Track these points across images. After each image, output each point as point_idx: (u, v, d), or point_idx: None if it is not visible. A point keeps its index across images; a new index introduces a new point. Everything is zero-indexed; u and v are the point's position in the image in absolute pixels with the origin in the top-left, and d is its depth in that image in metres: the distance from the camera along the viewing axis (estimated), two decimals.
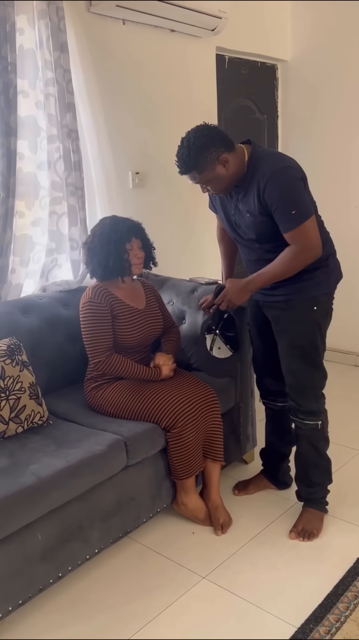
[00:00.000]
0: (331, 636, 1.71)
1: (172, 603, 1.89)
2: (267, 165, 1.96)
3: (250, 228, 2.05)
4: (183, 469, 2.17)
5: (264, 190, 1.93)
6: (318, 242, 1.97)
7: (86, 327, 2.26)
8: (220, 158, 1.95)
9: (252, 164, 1.98)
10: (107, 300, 2.27)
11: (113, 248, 2.23)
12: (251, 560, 2.08)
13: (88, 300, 2.27)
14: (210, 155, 1.93)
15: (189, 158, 1.94)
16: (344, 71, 3.67)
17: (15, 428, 2.07)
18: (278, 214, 1.94)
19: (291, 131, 4.01)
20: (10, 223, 2.39)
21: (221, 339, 2.28)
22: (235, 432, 2.57)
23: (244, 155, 2.00)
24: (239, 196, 2.04)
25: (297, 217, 1.92)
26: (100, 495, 1.99)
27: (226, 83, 3.54)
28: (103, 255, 2.24)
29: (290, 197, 1.93)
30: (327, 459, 2.27)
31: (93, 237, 2.29)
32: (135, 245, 2.28)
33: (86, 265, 2.35)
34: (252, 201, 1.98)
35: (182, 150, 1.95)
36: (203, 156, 1.93)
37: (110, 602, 1.91)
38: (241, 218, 2.07)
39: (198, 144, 1.92)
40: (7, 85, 2.28)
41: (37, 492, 1.76)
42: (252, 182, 1.97)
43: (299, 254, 1.97)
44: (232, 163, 1.97)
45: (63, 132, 2.51)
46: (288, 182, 1.94)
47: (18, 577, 1.76)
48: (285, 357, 2.17)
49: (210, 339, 2.26)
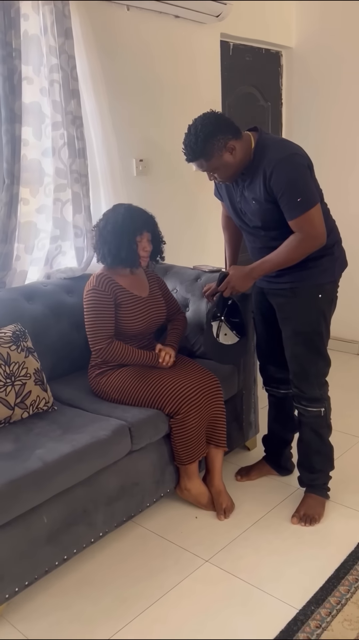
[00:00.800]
0: (332, 618, 1.74)
1: (175, 585, 1.92)
2: (274, 153, 1.95)
3: (256, 215, 2.06)
4: (187, 454, 2.19)
5: (270, 178, 1.93)
6: (323, 231, 1.98)
7: (89, 314, 2.27)
8: (227, 145, 1.95)
9: (259, 151, 1.98)
10: (111, 289, 2.28)
11: (126, 239, 2.24)
12: (253, 544, 2.11)
13: (92, 288, 2.28)
14: (217, 142, 1.93)
15: (196, 145, 1.93)
16: (349, 58, 3.64)
17: (21, 413, 2.10)
18: (283, 202, 1.94)
19: (295, 119, 3.99)
20: (15, 210, 2.40)
21: (227, 325, 2.29)
22: (238, 419, 2.59)
23: (251, 143, 2.00)
24: (245, 183, 2.04)
25: (302, 204, 1.92)
26: (104, 480, 2.01)
27: (230, 70, 3.52)
28: (115, 244, 2.25)
29: (296, 185, 1.93)
30: (329, 446, 2.29)
31: (106, 224, 2.29)
32: (144, 239, 2.29)
33: (95, 249, 2.35)
34: (258, 188, 1.99)
35: (189, 138, 1.95)
36: (210, 143, 1.93)
37: (114, 584, 1.94)
38: (247, 205, 2.07)
39: (206, 131, 1.91)
40: (12, 72, 2.27)
41: (43, 476, 1.78)
42: (258, 169, 1.97)
43: (303, 241, 1.97)
44: (239, 150, 1.97)
45: (68, 119, 2.50)
46: (294, 169, 1.94)
47: (24, 559, 1.79)
48: (289, 344, 2.18)
49: (216, 326, 2.27)
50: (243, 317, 2.32)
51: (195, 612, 1.81)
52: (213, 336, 2.26)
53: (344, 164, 3.80)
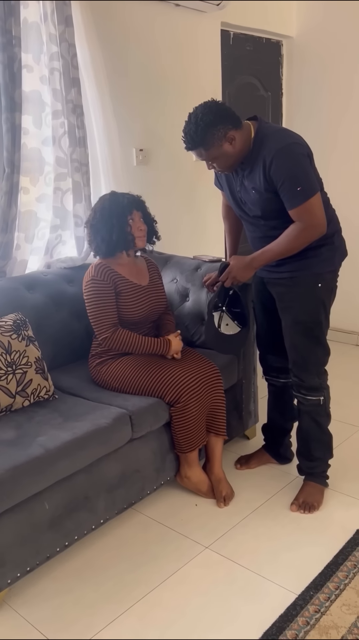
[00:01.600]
0: (331, 603, 1.76)
1: (176, 571, 1.94)
2: (273, 142, 1.95)
3: (256, 205, 2.06)
4: (187, 442, 2.21)
5: (270, 167, 1.93)
6: (323, 220, 1.98)
7: (91, 304, 2.28)
8: (227, 135, 1.95)
9: (258, 141, 1.98)
10: (110, 278, 2.28)
11: (115, 222, 2.24)
12: (253, 531, 2.13)
13: (91, 279, 2.29)
14: (217, 132, 1.93)
15: (196, 134, 1.93)
16: (350, 48, 3.63)
17: (22, 402, 2.11)
18: (283, 191, 1.95)
19: (296, 109, 3.98)
20: (15, 199, 2.40)
21: (229, 315, 2.30)
22: (238, 408, 2.60)
23: (250, 132, 2.00)
24: (245, 173, 2.04)
25: (302, 194, 1.92)
26: (105, 467, 2.03)
27: (230, 59, 3.51)
28: (106, 230, 2.25)
29: (296, 174, 1.93)
30: (328, 434, 2.31)
31: (94, 214, 2.30)
32: (136, 218, 2.29)
33: (89, 243, 2.36)
34: (258, 178, 1.99)
35: (190, 126, 1.94)
36: (210, 133, 1.92)
37: (115, 570, 1.96)
38: (246, 195, 2.07)
39: (206, 120, 1.91)
40: (12, 60, 2.26)
41: (45, 463, 1.80)
42: (258, 158, 1.97)
43: (304, 231, 1.98)
44: (239, 140, 1.97)
45: (68, 108, 2.50)
46: (294, 158, 1.94)
47: (26, 545, 1.80)
48: (289, 333, 2.19)
49: (217, 316, 2.28)
50: (244, 307, 2.32)
51: (195, 597, 1.83)
52: (214, 326, 2.27)
53: (344, 153, 3.79)
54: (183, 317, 2.65)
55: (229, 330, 2.30)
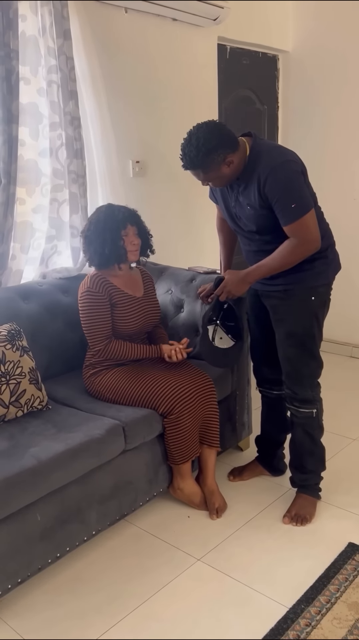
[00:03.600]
0: (322, 616, 1.76)
1: (167, 584, 1.94)
2: (268, 159, 1.98)
3: (251, 220, 2.08)
4: (180, 454, 2.21)
5: (265, 184, 1.96)
6: (317, 236, 2.00)
7: (85, 315, 2.29)
8: (226, 160, 1.97)
9: (253, 157, 2.01)
10: (105, 289, 2.30)
11: (108, 235, 2.26)
12: (245, 543, 2.13)
13: (86, 290, 2.30)
14: (217, 157, 1.95)
15: (197, 158, 1.95)
16: (345, 63, 3.67)
17: (15, 412, 2.11)
18: (278, 208, 1.97)
19: (292, 122, 4.02)
20: (12, 210, 2.41)
21: (223, 328, 2.32)
22: (231, 420, 2.61)
23: (246, 149, 2.02)
24: (240, 189, 2.06)
25: (297, 210, 1.95)
26: (98, 479, 2.03)
27: (227, 73, 3.55)
28: (100, 242, 2.27)
29: (290, 191, 1.95)
30: (321, 447, 2.32)
31: (89, 226, 2.32)
32: (130, 232, 2.30)
33: (83, 252, 2.38)
34: (253, 194, 2.01)
35: (190, 148, 1.95)
36: (210, 158, 1.95)
37: (107, 582, 1.95)
38: (241, 210, 2.10)
39: (208, 146, 1.92)
40: (9, 72, 2.28)
41: (37, 474, 1.80)
42: (253, 175, 2.00)
43: (298, 247, 2.00)
44: (236, 162, 2.00)
45: (66, 120, 2.52)
46: (288, 176, 1.96)
47: (17, 556, 1.80)
48: (282, 345, 2.21)
49: (211, 330, 2.29)
50: (239, 321, 2.34)
51: (187, 610, 1.83)
52: (209, 340, 2.28)
53: (339, 167, 3.83)
54: (177, 328, 2.66)
55: (223, 344, 2.32)
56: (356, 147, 3.74)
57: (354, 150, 3.75)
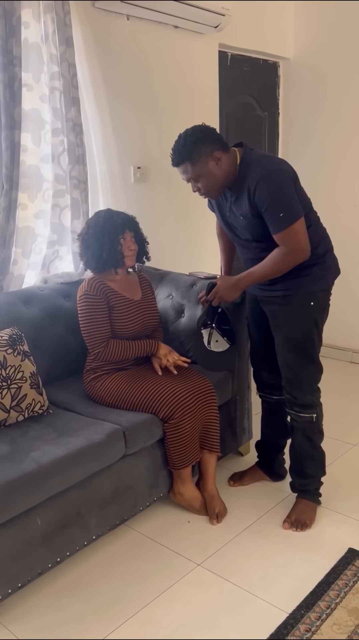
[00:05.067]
0: (322, 622, 1.76)
1: (168, 589, 1.94)
2: (257, 169, 2.00)
3: (245, 229, 2.10)
4: (180, 459, 2.22)
5: (254, 193, 1.98)
6: (306, 245, 2.01)
7: (83, 319, 2.30)
8: (213, 154, 1.99)
9: (243, 167, 2.03)
10: (103, 292, 2.31)
11: (106, 240, 2.28)
12: (245, 549, 2.13)
13: (84, 293, 2.31)
14: (204, 148, 1.98)
15: (184, 148, 1.99)
16: (345, 69, 3.70)
17: (16, 416, 2.11)
18: (267, 216, 1.99)
19: (292, 128, 4.04)
20: (14, 215, 2.43)
21: (218, 332, 2.33)
22: (232, 425, 2.61)
23: (236, 159, 2.04)
24: (232, 199, 2.09)
25: (285, 219, 1.96)
26: (98, 483, 2.03)
27: (228, 80, 3.57)
28: (97, 246, 2.29)
29: (279, 200, 1.97)
30: (321, 452, 2.32)
31: (87, 229, 2.34)
32: (128, 238, 2.32)
33: (80, 256, 2.40)
34: (244, 204, 2.03)
35: (178, 142, 2.02)
36: (197, 148, 1.98)
37: (107, 587, 1.95)
38: (235, 220, 2.12)
39: (195, 136, 1.98)
40: (12, 79, 2.31)
41: (38, 479, 1.80)
42: (244, 185, 2.01)
43: (287, 255, 2.02)
44: (224, 163, 2.02)
45: (68, 126, 2.54)
46: (277, 184, 1.98)
47: (18, 561, 1.80)
48: (282, 351, 2.21)
49: (206, 333, 2.30)
50: (232, 324, 2.35)
51: (187, 615, 1.83)
52: (203, 343, 2.29)
53: (339, 173, 3.84)
54: (178, 333, 2.67)
55: (218, 347, 2.33)
56: (356, 153, 3.75)
57: (354, 156, 3.77)
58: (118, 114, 2.88)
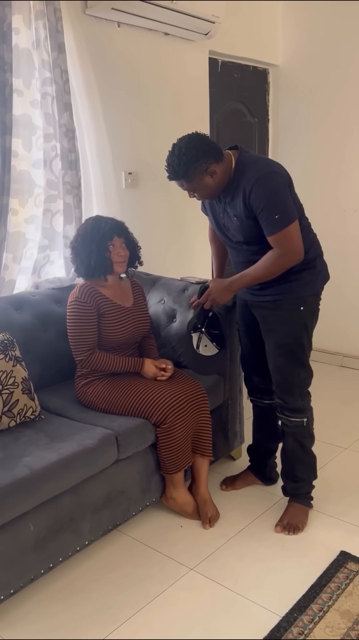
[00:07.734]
0: (314, 625, 1.77)
1: (161, 593, 1.94)
2: (253, 171, 2.02)
3: (238, 231, 2.11)
4: (173, 463, 2.22)
5: (249, 195, 1.99)
6: (300, 247, 2.03)
7: (71, 325, 2.30)
8: (208, 170, 2.01)
9: (239, 170, 2.04)
10: (94, 299, 2.31)
11: (95, 247, 2.28)
12: (237, 552, 2.13)
13: (74, 299, 2.31)
14: (199, 166, 1.99)
15: (179, 167, 2.00)
16: (334, 76, 3.74)
17: (8, 422, 2.11)
18: (262, 218, 2.00)
19: (282, 134, 4.07)
20: (4, 220, 2.42)
21: (207, 336, 2.34)
22: (224, 429, 2.62)
23: (231, 162, 2.06)
24: (226, 200, 2.10)
25: (280, 221, 1.98)
26: (91, 488, 2.03)
27: (218, 86, 3.59)
28: (86, 254, 2.29)
29: (274, 202, 1.99)
30: (312, 455, 2.33)
31: (77, 237, 2.35)
32: (117, 244, 2.31)
33: (72, 263, 2.40)
34: (239, 205, 2.04)
35: (173, 159, 2.01)
36: (192, 167, 1.99)
37: (100, 592, 1.95)
38: (229, 221, 2.13)
39: (189, 155, 1.97)
40: (3, 85, 2.31)
41: (30, 484, 1.80)
42: (239, 187, 2.03)
43: (281, 257, 2.03)
44: (220, 173, 2.04)
45: (61, 131, 2.54)
46: (272, 187, 2.00)
47: (10, 567, 1.79)
48: (272, 355, 2.23)
49: (196, 337, 2.31)
50: (222, 329, 2.36)
51: (180, 619, 1.83)
52: (193, 347, 2.30)
53: (329, 179, 3.88)
54: (170, 338, 2.68)
55: (207, 351, 2.34)
56: (345, 159, 3.80)
57: (343, 162, 3.81)
58: (110, 120, 2.89)
